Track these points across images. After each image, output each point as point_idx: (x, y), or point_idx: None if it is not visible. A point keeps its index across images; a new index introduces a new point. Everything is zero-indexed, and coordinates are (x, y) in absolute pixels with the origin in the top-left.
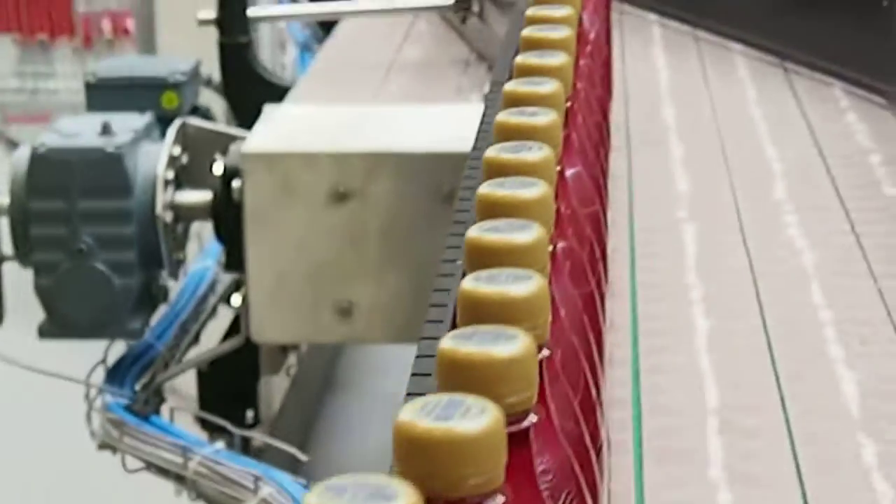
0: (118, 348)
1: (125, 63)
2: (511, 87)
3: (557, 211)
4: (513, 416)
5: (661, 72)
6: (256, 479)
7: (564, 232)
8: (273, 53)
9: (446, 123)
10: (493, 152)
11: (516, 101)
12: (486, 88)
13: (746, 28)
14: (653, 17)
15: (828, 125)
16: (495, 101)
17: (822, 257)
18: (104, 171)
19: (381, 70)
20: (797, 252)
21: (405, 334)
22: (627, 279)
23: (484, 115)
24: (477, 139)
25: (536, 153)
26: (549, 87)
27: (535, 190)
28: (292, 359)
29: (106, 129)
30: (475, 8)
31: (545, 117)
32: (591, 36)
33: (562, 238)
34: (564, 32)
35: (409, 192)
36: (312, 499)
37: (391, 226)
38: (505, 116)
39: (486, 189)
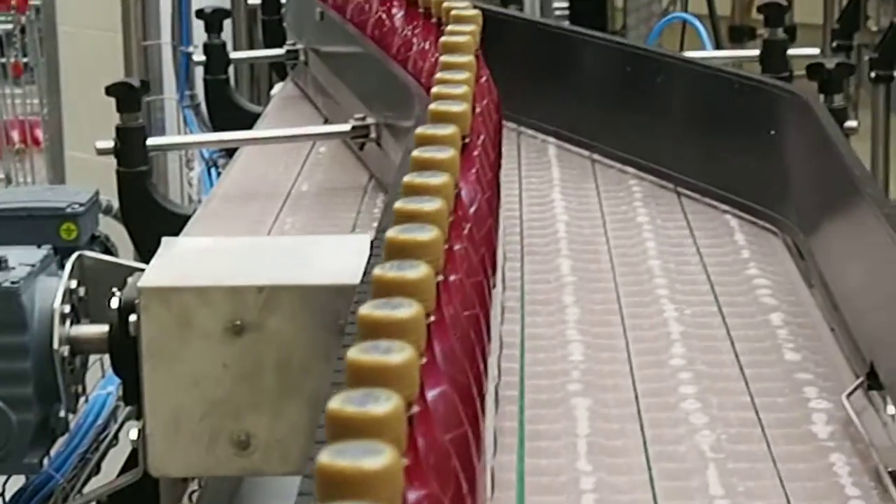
0: (17, 480)
1: (23, 194)
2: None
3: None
4: None
5: (556, 193)
6: None
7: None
8: (180, 169)
9: (343, 254)
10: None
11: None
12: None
13: (641, 154)
14: (551, 140)
15: (716, 249)
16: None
17: (708, 387)
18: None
19: (280, 198)
20: (684, 398)
21: (303, 466)
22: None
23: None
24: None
25: (418, 270)
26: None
27: (409, 310)
28: (193, 484)
29: (2, 264)
30: (373, 135)
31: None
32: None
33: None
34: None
35: (305, 324)
36: None
37: (287, 358)
38: (393, 233)
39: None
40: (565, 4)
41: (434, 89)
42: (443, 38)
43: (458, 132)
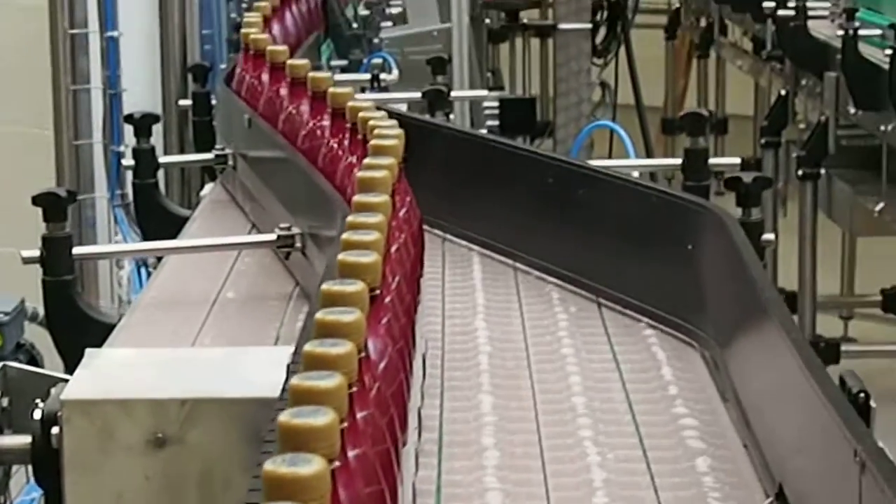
0: None
1: None
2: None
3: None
4: None
5: (478, 301)
6: None
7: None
8: (110, 269)
9: (265, 367)
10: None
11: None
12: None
13: (563, 264)
14: (475, 248)
15: (637, 366)
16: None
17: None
18: None
19: (205, 307)
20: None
21: None
22: None
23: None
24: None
25: (310, 466)
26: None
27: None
28: None
29: None
30: (297, 244)
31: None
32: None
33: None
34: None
35: (228, 437)
36: None
37: (209, 471)
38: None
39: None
40: (496, 104)
41: (345, 235)
42: (359, 174)
43: (364, 290)
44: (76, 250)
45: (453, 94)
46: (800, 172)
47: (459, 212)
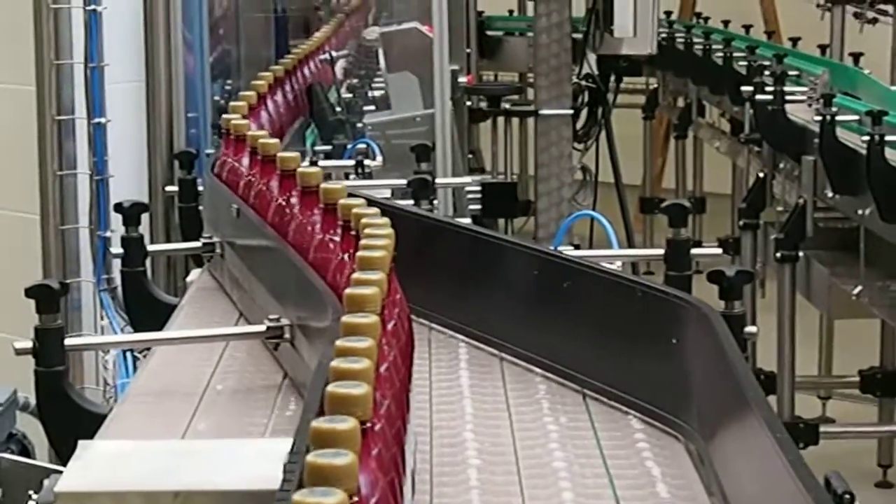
0: None
1: None
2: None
3: None
4: None
5: (465, 394)
6: None
7: None
8: (96, 354)
9: (258, 459)
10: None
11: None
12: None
13: (547, 355)
14: (461, 337)
15: (623, 461)
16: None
17: None
18: None
19: (195, 398)
20: None
21: None
22: None
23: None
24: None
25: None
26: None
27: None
28: None
29: None
30: (287, 335)
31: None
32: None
33: None
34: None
35: None
36: None
37: None
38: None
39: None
40: (478, 188)
41: (334, 363)
42: (347, 292)
43: (355, 428)
44: (68, 341)
45: (438, 181)
46: (778, 255)
47: (446, 304)
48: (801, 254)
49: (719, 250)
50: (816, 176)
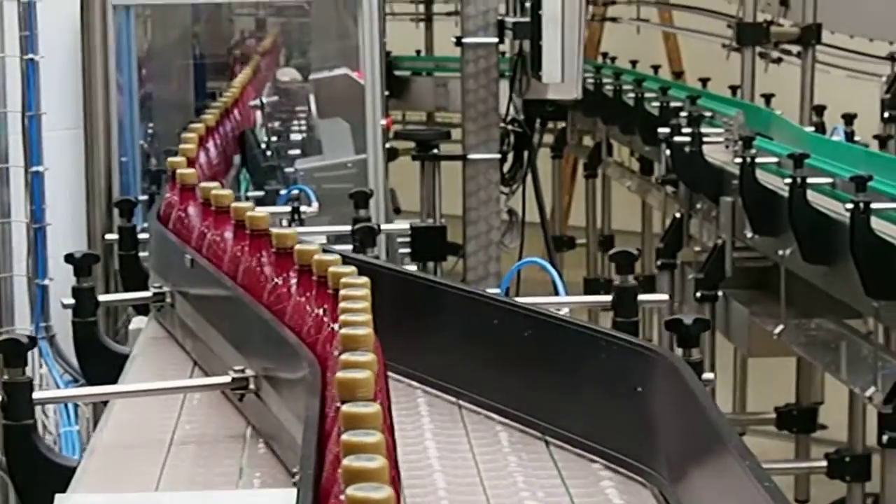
0: None
1: None
2: None
3: None
4: None
5: (428, 442)
6: None
7: None
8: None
9: None
10: None
11: None
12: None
13: (508, 402)
14: (417, 385)
15: (588, 500)
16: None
17: None
18: None
19: (162, 448)
20: None
21: None
22: None
23: None
24: None
25: None
26: None
27: None
28: None
29: None
30: (252, 386)
31: None
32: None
33: None
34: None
35: None
36: None
37: None
38: None
39: None
40: (407, 230)
41: (347, 461)
42: (339, 376)
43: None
44: (37, 395)
45: (383, 227)
46: (698, 294)
47: (406, 353)
48: (719, 293)
49: (666, 296)
50: (735, 216)
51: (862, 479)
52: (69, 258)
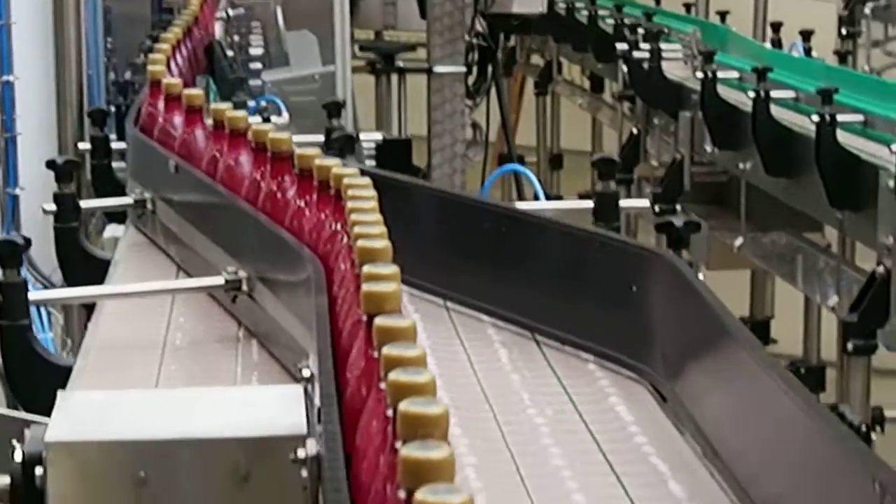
0: None
1: None
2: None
3: None
4: None
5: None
6: None
7: None
8: None
9: (238, 406)
10: None
11: None
12: (306, 374)
13: (497, 302)
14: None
15: (585, 396)
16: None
17: None
18: None
19: (157, 349)
20: None
21: None
22: None
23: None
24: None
25: None
26: None
27: None
28: None
29: None
30: (245, 287)
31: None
32: None
33: None
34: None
35: (207, 475)
36: None
37: None
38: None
39: None
40: (373, 144)
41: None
42: (366, 289)
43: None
44: (32, 295)
45: (362, 136)
46: (656, 209)
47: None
48: (677, 207)
49: (647, 202)
50: (694, 131)
51: (817, 390)
52: (50, 164)
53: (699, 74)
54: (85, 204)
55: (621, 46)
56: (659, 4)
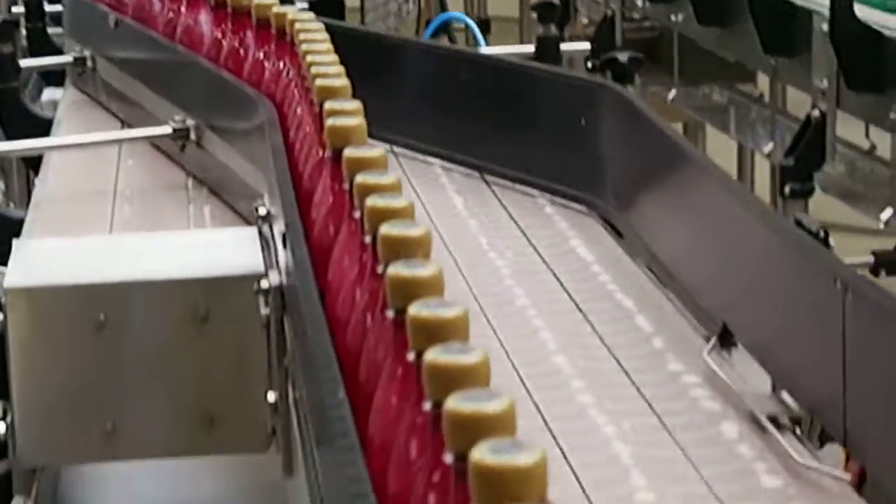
0: None
1: None
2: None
3: None
4: None
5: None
6: None
7: None
8: None
9: (195, 249)
10: None
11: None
12: (262, 212)
13: (445, 144)
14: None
15: (545, 239)
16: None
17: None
18: None
19: (108, 199)
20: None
21: (165, 449)
22: None
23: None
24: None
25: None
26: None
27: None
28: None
29: None
30: (193, 136)
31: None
32: None
33: None
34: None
35: (167, 316)
36: None
37: (151, 349)
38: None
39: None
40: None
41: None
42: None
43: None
44: None
45: None
46: (588, 65)
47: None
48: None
49: (588, 44)
50: None
51: None
52: None
53: None
54: (24, 63)
55: None
56: None
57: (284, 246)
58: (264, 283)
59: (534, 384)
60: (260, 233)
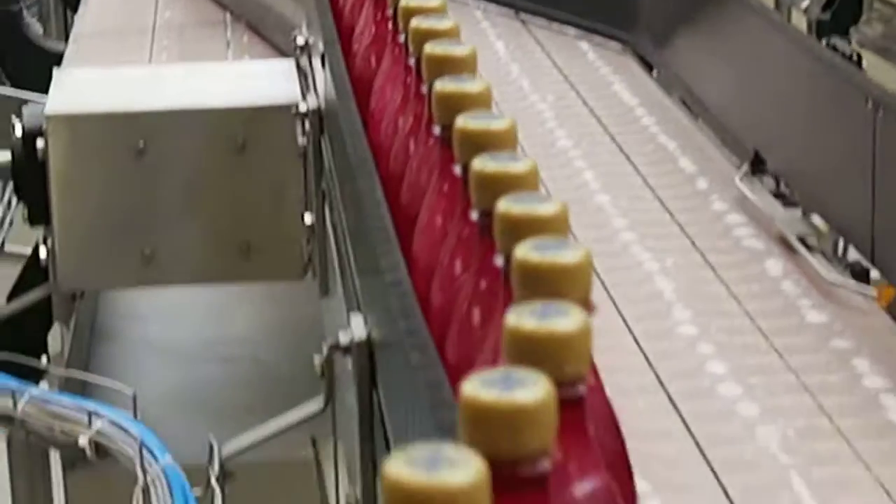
0: None
1: None
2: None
3: None
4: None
5: None
6: (91, 413)
7: None
8: None
9: (233, 79)
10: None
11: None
12: (300, 42)
13: None
14: None
15: (576, 69)
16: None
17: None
18: None
19: (147, 33)
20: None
21: (202, 276)
22: None
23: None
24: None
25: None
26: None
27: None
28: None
29: None
30: None
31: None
32: None
33: None
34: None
35: (205, 145)
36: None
37: (189, 177)
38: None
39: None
40: None
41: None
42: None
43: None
44: None
45: None
46: None
47: None
48: None
49: None
50: None
51: None
52: None
53: None
54: None
55: None
56: None
57: (323, 66)
58: (302, 107)
59: (576, 221)
60: (297, 64)
